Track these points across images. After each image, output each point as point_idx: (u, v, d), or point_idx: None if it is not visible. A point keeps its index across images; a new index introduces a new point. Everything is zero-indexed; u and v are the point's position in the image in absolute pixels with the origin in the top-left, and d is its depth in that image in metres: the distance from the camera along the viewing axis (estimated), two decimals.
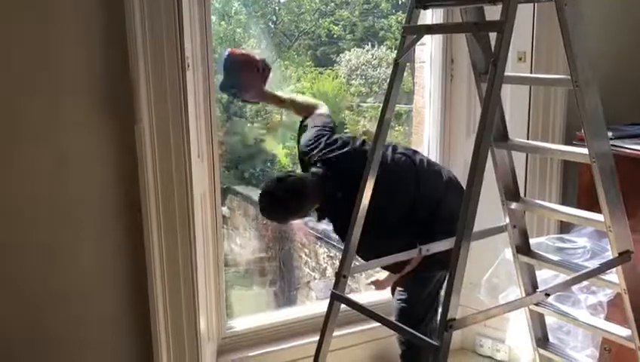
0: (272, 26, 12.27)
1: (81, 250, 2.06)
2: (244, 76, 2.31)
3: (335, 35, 12.87)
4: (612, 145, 1.79)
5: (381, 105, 1.72)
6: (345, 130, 12.45)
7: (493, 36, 1.45)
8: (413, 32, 1.64)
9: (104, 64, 1.95)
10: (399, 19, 12.67)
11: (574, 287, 2.08)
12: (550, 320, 2.14)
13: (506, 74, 1.43)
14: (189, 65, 2.01)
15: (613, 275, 1.77)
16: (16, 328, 2.02)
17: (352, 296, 2.35)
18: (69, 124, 1.97)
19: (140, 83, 1.91)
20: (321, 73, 12.59)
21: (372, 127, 12.59)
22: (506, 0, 1.38)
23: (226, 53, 2.34)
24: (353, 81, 13.04)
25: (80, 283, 2.08)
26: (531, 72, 2.47)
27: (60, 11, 1.89)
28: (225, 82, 2.33)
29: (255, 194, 8.58)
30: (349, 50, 13.08)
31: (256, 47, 12.05)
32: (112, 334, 2.17)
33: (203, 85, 2.34)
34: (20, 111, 1.91)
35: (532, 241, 2.08)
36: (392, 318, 2.25)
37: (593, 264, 1.89)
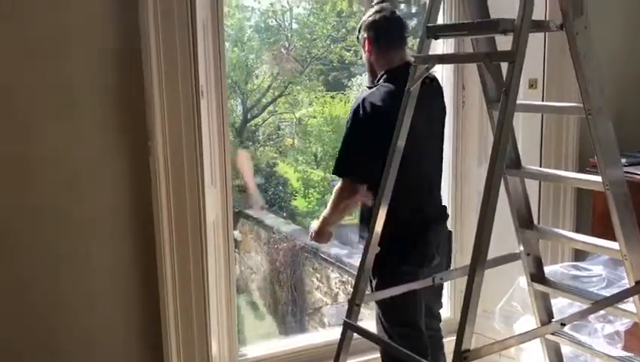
0: (285, 52, 12.40)
1: (92, 274, 2.08)
2: None
3: (347, 61, 12.98)
4: (626, 173, 1.78)
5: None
6: None
7: (504, 64, 1.46)
8: (425, 61, 1.66)
9: (120, 91, 1.99)
10: (411, 45, 12.80)
11: (591, 317, 2.05)
12: (566, 349, 2.11)
13: (517, 102, 1.44)
14: (203, 93, 2.04)
15: (630, 304, 1.74)
16: (26, 340, 2.02)
17: (365, 325, 2.32)
18: (84, 149, 2.00)
19: (155, 111, 1.94)
20: (332, 97, 12.68)
21: None
22: (517, 30, 1.39)
23: None
24: None
25: (90, 306, 2.08)
26: (543, 99, 2.47)
27: (76, 38, 1.93)
28: None
29: (267, 218, 8.57)
30: (361, 75, 13.19)
31: (269, 73, 12.19)
32: (122, 358, 2.16)
33: (217, 111, 2.36)
34: (37, 134, 1.94)
35: (547, 269, 2.05)
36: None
37: (609, 292, 1.87)
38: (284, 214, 10.92)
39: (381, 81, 2.12)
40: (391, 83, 2.07)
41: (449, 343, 2.21)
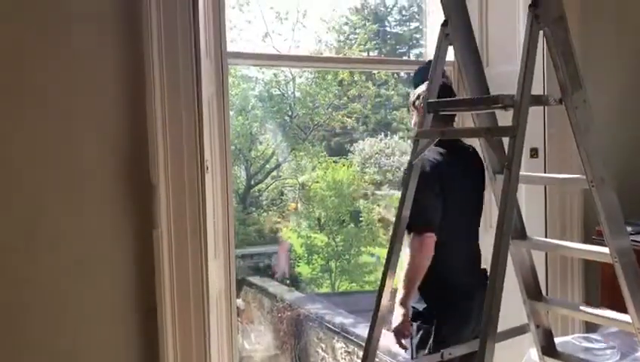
0: (288, 119, 12.65)
1: (95, 352, 2.03)
2: None
3: (349, 127, 13.19)
4: (632, 241, 1.76)
5: (396, 192, 1.74)
6: (360, 218, 12.49)
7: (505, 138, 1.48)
8: (427, 135, 1.68)
9: (125, 167, 2.01)
10: (412, 112, 13.02)
11: None
12: None
13: (520, 173, 1.45)
14: (207, 168, 2.06)
15: None
16: None
17: None
18: (88, 227, 2.00)
19: (160, 188, 1.95)
20: (335, 162, 12.82)
21: (387, 214, 12.60)
22: (517, 105, 1.42)
23: None
24: (367, 170, 13.23)
25: None
26: (545, 168, 2.49)
27: (80, 117, 1.97)
28: None
29: (270, 285, 8.46)
30: (363, 140, 13.38)
31: (272, 140, 12.37)
32: None
33: (221, 183, 2.39)
34: (40, 217, 1.95)
35: (557, 341, 2.00)
36: None
37: None
38: (288, 281, 10.78)
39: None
40: (441, 147, 2.14)
41: None
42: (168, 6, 1.96)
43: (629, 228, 1.86)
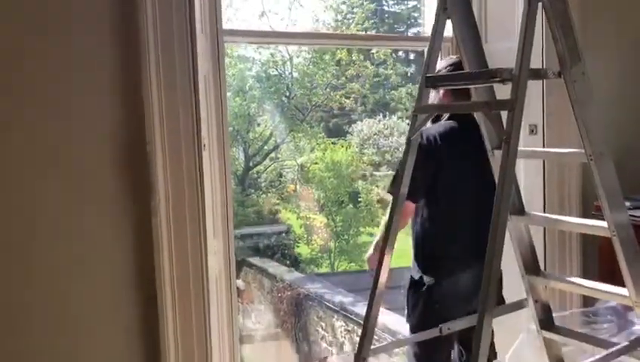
0: (286, 100, 12.58)
1: (93, 329, 2.04)
2: None
3: (347, 108, 13.14)
4: (630, 216, 1.76)
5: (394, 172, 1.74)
6: (359, 199, 12.52)
7: (504, 112, 1.47)
8: (425, 110, 1.67)
9: (121, 147, 1.99)
10: (409, 90, 12.98)
11: None
12: None
13: (519, 148, 1.44)
14: (205, 146, 2.05)
15: None
16: None
17: None
18: (86, 209, 1.99)
19: (157, 167, 1.94)
20: (333, 143, 12.79)
21: (386, 195, 12.62)
22: (515, 79, 1.41)
23: None
24: (366, 151, 13.21)
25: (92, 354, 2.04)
26: (544, 144, 2.48)
27: (76, 106, 1.95)
28: None
29: (269, 266, 8.50)
30: (361, 121, 13.34)
31: (270, 121, 12.32)
32: None
33: (219, 161, 2.38)
34: (37, 209, 1.94)
35: (556, 315, 2.02)
36: None
37: (620, 339, 1.83)
38: (288, 262, 10.83)
39: (445, 117, 2.28)
40: (452, 120, 2.25)
41: None
42: None
43: (627, 204, 1.85)
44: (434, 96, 2.27)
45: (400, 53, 13.09)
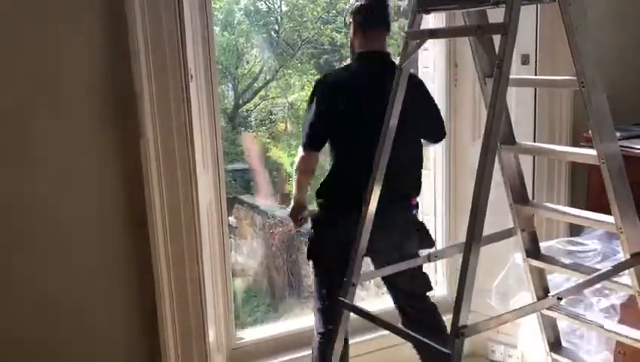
0: (275, 35, 12.28)
1: (85, 264, 2.05)
2: None
3: (338, 43, 12.87)
4: (620, 146, 1.77)
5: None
6: None
7: (496, 38, 1.44)
8: (416, 36, 1.63)
9: (107, 78, 1.94)
10: (402, 25, 12.70)
11: (586, 291, 2.06)
12: (563, 324, 2.12)
13: (511, 77, 1.42)
14: (192, 77, 2.01)
15: (626, 277, 1.75)
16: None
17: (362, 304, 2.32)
18: (75, 140, 1.96)
19: (144, 96, 1.90)
20: None
21: None
22: (509, 1, 1.37)
23: None
24: None
25: (85, 283, 2.05)
26: (536, 75, 2.45)
27: (61, 31, 1.89)
28: None
29: (260, 203, 8.47)
30: None
31: (259, 57, 12.07)
32: (118, 347, 2.15)
33: (207, 96, 2.34)
34: (22, 132, 1.90)
35: (542, 245, 2.05)
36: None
37: (605, 266, 1.87)
38: (278, 199, 10.90)
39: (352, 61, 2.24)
40: (358, 63, 2.20)
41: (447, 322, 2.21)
42: None
43: (618, 134, 1.85)
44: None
45: None
